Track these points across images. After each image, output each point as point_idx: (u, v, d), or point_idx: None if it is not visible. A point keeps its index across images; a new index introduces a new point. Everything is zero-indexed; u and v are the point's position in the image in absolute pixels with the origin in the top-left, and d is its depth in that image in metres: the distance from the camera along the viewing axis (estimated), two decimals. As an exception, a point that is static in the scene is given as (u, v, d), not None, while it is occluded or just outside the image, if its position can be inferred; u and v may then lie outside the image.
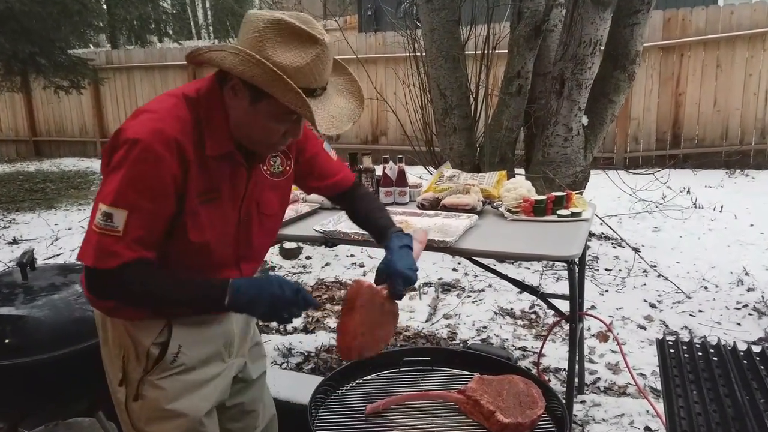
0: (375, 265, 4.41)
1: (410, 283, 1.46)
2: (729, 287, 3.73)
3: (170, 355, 1.38)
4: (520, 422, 1.49)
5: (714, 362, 1.39)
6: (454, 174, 2.76)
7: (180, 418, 1.40)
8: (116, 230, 1.20)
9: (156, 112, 1.25)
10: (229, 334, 1.52)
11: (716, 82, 7.29)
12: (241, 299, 1.27)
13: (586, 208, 2.39)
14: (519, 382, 1.64)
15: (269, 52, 1.18)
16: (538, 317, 3.45)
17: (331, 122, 1.26)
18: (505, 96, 4.44)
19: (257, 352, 1.70)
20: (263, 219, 1.48)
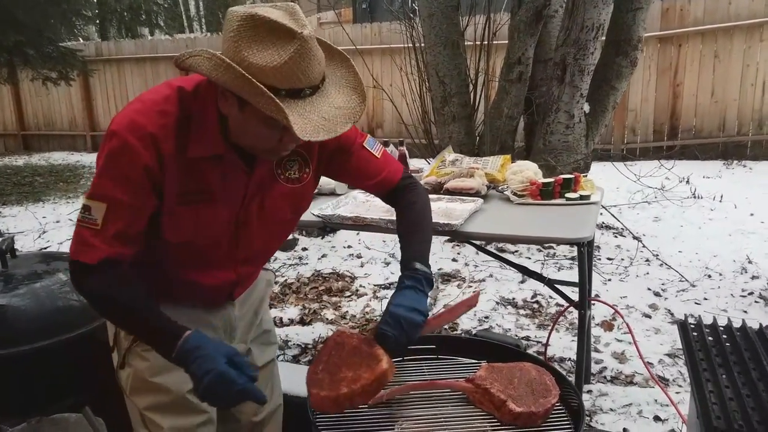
0: (373, 257, 4.39)
1: (398, 322, 1.27)
2: (733, 275, 3.67)
3: None
4: (534, 411, 1.40)
5: (741, 345, 1.31)
6: (456, 158, 2.67)
7: (162, 392, 1.37)
8: (94, 223, 1.18)
9: (142, 104, 1.20)
10: (229, 321, 1.47)
11: (714, 72, 7.23)
12: (187, 360, 1.15)
13: (594, 191, 2.31)
14: (531, 369, 1.55)
15: (245, 53, 1.08)
16: (541, 307, 3.37)
17: (321, 126, 1.13)
18: (506, 83, 4.35)
19: (265, 339, 1.63)
20: (268, 224, 1.38)
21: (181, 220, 1.25)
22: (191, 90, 1.22)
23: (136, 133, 1.16)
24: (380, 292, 3.73)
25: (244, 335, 1.53)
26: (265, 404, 1.62)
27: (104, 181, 1.18)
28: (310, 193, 1.46)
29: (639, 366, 2.69)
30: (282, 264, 4.33)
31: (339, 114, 1.17)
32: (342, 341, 1.35)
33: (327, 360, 1.34)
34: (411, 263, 1.37)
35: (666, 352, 2.81)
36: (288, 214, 1.41)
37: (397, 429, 1.41)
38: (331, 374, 1.30)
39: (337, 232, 4.89)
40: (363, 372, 1.27)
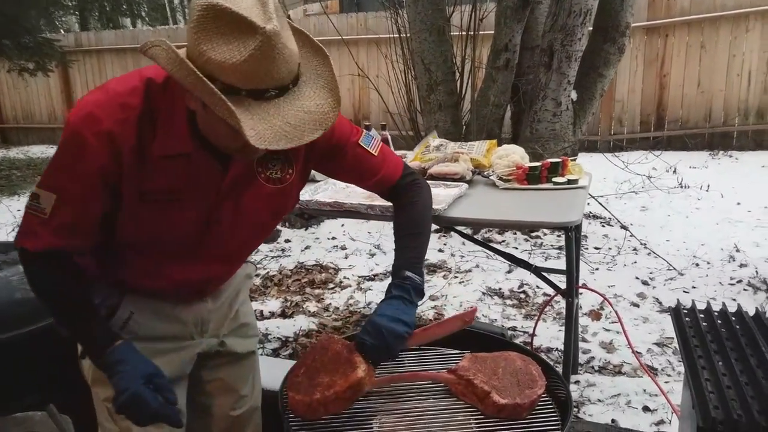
0: (357, 248, 4.30)
1: (379, 332, 1.22)
2: (721, 264, 3.63)
3: (119, 320, 1.27)
4: (519, 403, 1.33)
5: (738, 330, 1.24)
6: (441, 143, 2.59)
7: None
8: (42, 212, 1.13)
9: (104, 95, 1.11)
10: (201, 317, 1.39)
11: (700, 63, 7.20)
12: (110, 372, 1.15)
13: (582, 176, 2.24)
14: (516, 359, 1.48)
15: (204, 47, 0.98)
16: (528, 297, 3.31)
17: (284, 133, 1.01)
18: (492, 70, 4.27)
19: (243, 332, 1.53)
20: (244, 225, 1.29)
21: (142, 220, 1.17)
22: (161, 82, 1.12)
23: (92, 128, 1.07)
24: (364, 284, 3.65)
25: (217, 329, 1.44)
26: (247, 400, 1.56)
27: (57, 172, 1.12)
28: (293, 195, 1.35)
29: (627, 355, 2.63)
30: (264, 256, 4.23)
31: (308, 119, 1.05)
32: (327, 346, 1.32)
33: (310, 364, 1.31)
34: (402, 271, 1.31)
35: (654, 341, 2.76)
36: (266, 216, 1.32)
37: (376, 423, 1.34)
38: (309, 378, 1.27)
39: (321, 223, 4.79)
40: (338, 378, 1.23)
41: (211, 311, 1.41)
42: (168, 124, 1.12)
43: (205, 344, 1.42)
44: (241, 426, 1.56)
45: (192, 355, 1.39)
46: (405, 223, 1.40)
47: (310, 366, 1.32)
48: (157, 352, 1.29)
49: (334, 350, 1.30)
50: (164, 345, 1.32)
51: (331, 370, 1.27)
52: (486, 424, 1.33)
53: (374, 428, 1.32)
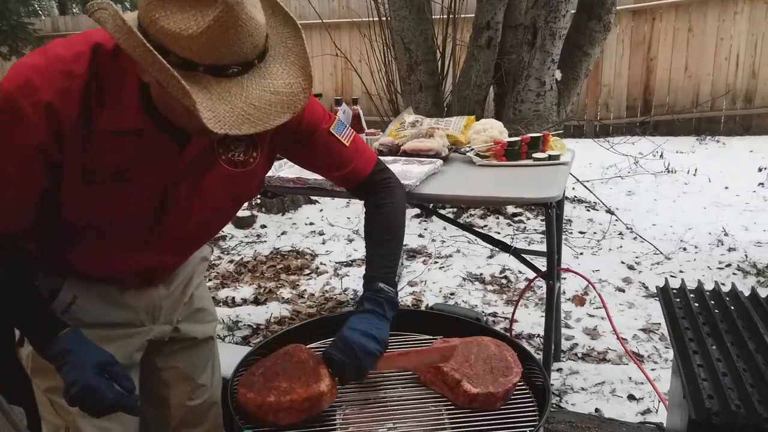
0: (336, 233, 4.14)
1: (349, 347, 1.14)
2: (709, 248, 3.53)
3: (61, 304, 1.15)
4: (492, 392, 1.20)
5: (733, 311, 1.12)
6: (416, 120, 2.44)
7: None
8: None
9: (44, 59, 0.96)
10: (152, 304, 1.28)
11: (688, 47, 7.11)
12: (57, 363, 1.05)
13: (565, 152, 2.10)
14: (490, 344, 1.34)
15: (157, 14, 0.84)
16: (510, 282, 3.18)
17: (247, 116, 0.89)
18: (474, 49, 4.12)
19: (199, 317, 1.42)
20: (202, 209, 1.16)
21: (89, 202, 1.04)
22: (111, 49, 0.97)
23: (30, 98, 0.93)
24: (341, 270, 3.51)
25: (169, 315, 1.33)
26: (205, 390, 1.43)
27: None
28: (257, 179, 1.23)
29: (612, 342, 2.52)
30: (238, 242, 4.07)
31: (275, 101, 0.92)
32: (293, 353, 1.24)
33: (270, 366, 1.22)
34: (375, 282, 1.23)
35: (640, 327, 2.65)
36: (227, 200, 1.20)
37: (339, 414, 1.21)
38: (266, 379, 1.18)
39: (299, 209, 4.64)
40: (298, 387, 1.14)
41: (164, 297, 1.29)
42: (117, 96, 0.98)
43: (156, 331, 1.31)
44: (199, 419, 1.44)
45: (142, 343, 1.28)
46: (379, 227, 1.30)
47: (270, 368, 1.22)
48: (104, 339, 1.17)
49: (300, 358, 1.22)
50: (112, 331, 1.22)
51: (291, 377, 1.17)
52: (458, 415, 1.20)
53: (337, 420, 1.19)
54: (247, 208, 4.64)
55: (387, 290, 1.22)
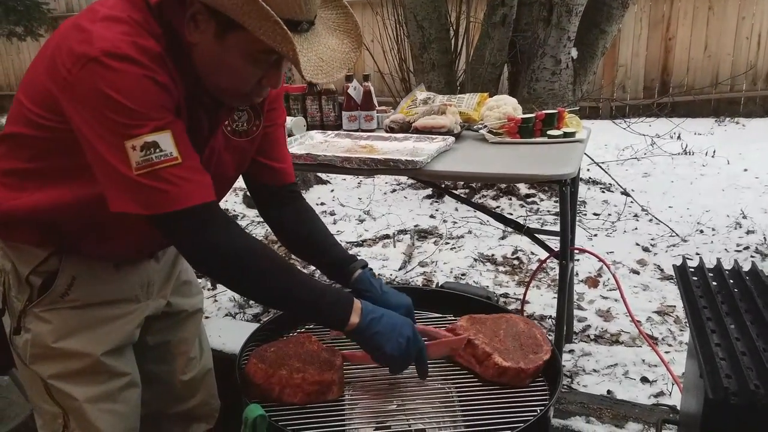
0: (347, 213, 4.12)
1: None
2: (727, 230, 3.46)
3: (60, 287, 1.12)
4: (522, 368, 1.20)
5: (753, 290, 1.08)
6: (428, 96, 2.40)
7: (72, 357, 1.15)
8: (172, 157, 0.94)
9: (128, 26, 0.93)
10: (147, 278, 1.27)
11: (708, 26, 6.93)
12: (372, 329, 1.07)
13: (580, 129, 2.06)
14: (518, 321, 1.34)
15: None
16: (522, 263, 3.15)
17: (319, 67, 0.96)
18: (488, 26, 4.04)
19: (186, 290, 1.42)
20: (216, 181, 1.14)
21: None
22: (155, 5, 0.96)
23: (146, 54, 0.91)
24: (353, 250, 3.49)
25: (162, 289, 1.33)
26: (196, 362, 1.44)
27: (140, 106, 0.91)
28: (252, 150, 1.24)
29: (626, 324, 2.49)
30: (250, 222, 4.07)
31: (334, 57, 0.99)
32: (304, 342, 1.27)
33: (283, 347, 1.24)
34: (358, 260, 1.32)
35: (655, 309, 2.61)
36: (232, 170, 1.21)
37: (347, 393, 1.21)
38: (279, 356, 1.20)
39: (310, 189, 4.62)
40: (312, 369, 1.16)
41: (156, 271, 1.29)
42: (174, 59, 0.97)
43: (152, 306, 1.30)
44: (194, 390, 1.45)
45: (140, 320, 1.27)
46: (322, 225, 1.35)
47: (283, 348, 1.24)
48: (105, 320, 1.18)
49: (312, 349, 1.24)
50: (112, 311, 1.20)
51: (305, 360, 1.19)
52: (467, 393, 1.19)
53: (345, 398, 1.19)
54: (258, 188, 4.62)
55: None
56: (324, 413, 1.13)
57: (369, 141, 2.07)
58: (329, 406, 1.15)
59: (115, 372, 1.20)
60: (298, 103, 2.44)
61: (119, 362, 1.21)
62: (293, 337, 1.34)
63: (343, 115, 2.32)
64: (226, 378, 1.46)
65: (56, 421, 1.18)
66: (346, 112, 2.31)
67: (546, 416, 1.13)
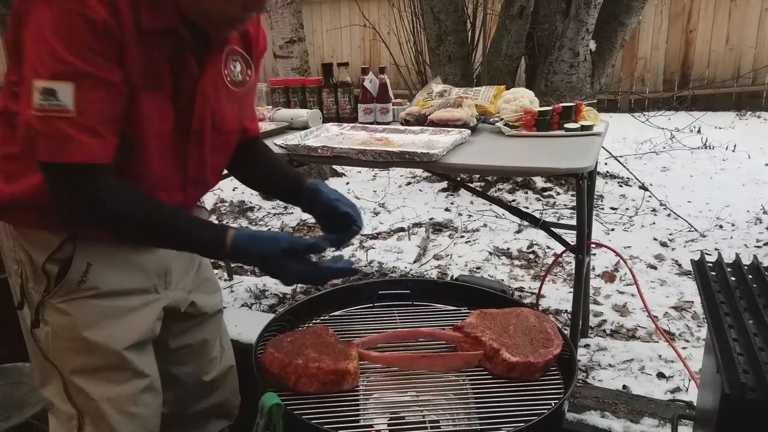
0: (361, 206, 4.10)
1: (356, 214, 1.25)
2: (747, 225, 3.41)
3: (75, 274, 1.11)
4: (532, 362, 1.19)
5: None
6: (444, 89, 2.39)
7: (94, 351, 1.14)
8: (66, 110, 0.92)
9: None
10: (164, 265, 1.24)
11: (729, 18, 6.82)
12: (247, 250, 1.07)
13: (598, 122, 2.04)
14: (530, 315, 1.34)
15: None
16: (537, 257, 3.13)
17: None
18: (506, 18, 4.01)
19: (207, 288, 1.41)
20: (218, 135, 1.17)
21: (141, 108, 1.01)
22: None
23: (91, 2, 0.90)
24: (367, 242, 3.50)
25: (181, 281, 1.30)
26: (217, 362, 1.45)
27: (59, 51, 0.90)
28: (251, 102, 1.29)
29: (642, 319, 2.47)
30: (266, 213, 4.09)
31: None
32: (320, 333, 1.28)
33: (299, 337, 1.26)
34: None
35: (672, 305, 2.58)
36: (234, 124, 1.22)
37: (363, 382, 1.22)
38: (295, 346, 1.21)
39: (325, 181, 4.63)
40: (327, 359, 1.18)
41: (174, 257, 1.26)
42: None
43: (171, 298, 1.28)
44: (215, 388, 1.46)
45: (159, 312, 1.25)
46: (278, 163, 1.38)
47: (299, 339, 1.25)
48: (123, 312, 1.17)
49: (328, 340, 1.25)
50: (129, 301, 1.18)
51: (320, 351, 1.20)
52: (481, 384, 1.19)
53: (360, 387, 1.20)
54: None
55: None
56: (339, 403, 1.14)
57: (384, 133, 2.07)
58: (344, 396, 1.16)
59: (137, 371, 1.18)
60: (314, 96, 2.45)
61: (141, 360, 1.19)
62: (309, 328, 1.35)
63: (359, 108, 2.33)
64: (242, 367, 1.48)
65: (71, 422, 1.16)
66: (361, 105, 2.32)
67: (560, 410, 1.13)
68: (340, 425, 1.07)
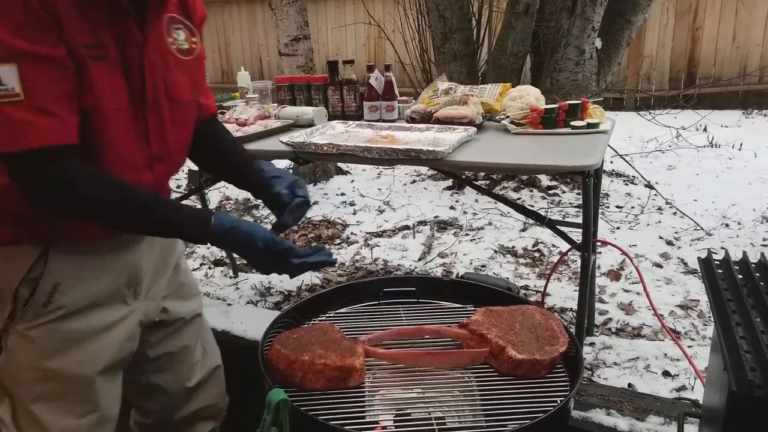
0: (366, 204, 4.13)
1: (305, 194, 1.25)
2: (753, 224, 3.40)
3: (42, 295, 1.05)
4: (537, 359, 1.20)
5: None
6: (450, 87, 2.39)
7: (58, 379, 1.08)
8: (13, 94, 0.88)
9: None
10: (134, 269, 1.18)
11: (736, 16, 6.79)
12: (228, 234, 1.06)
13: (604, 120, 2.03)
14: (535, 312, 1.34)
15: None
16: (543, 255, 3.13)
17: None
18: (511, 16, 4.00)
19: (185, 292, 1.36)
20: (175, 106, 1.14)
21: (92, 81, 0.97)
22: None
23: None
24: (372, 240, 3.50)
25: (152, 289, 1.24)
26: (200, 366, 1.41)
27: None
28: (202, 70, 1.25)
29: (648, 318, 2.46)
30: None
31: None
32: (326, 330, 1.29)
33: (305, 334, 1.27)
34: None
35: (678, 303, 2.58)
36: (188, 93, 1.18)
37: (369, 378, 1.23)
38: (301, 343, 1.22)
39: (330, 179, 4.64)
40: (333, 355, 1.19)
41: (143, 260, 1.20)
42: None
43: (143, 309, 1.22)
44: (200, 392, 1.41)
45: (134, 327, 1.20)
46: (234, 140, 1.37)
47: (305, 336, 1.26)
48: (94, 332, 1.11)
49: (335, 337, 1.26)
50: (101, 317, 1.12)
51: (327, 347, 1.21)
52: (487, 381, 1.20)
53: (366, 384, 1.20)
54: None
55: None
56: (345, 399, 1.14)
57: (390, 131, 2.07)
58: (350, 393, 1.16)
59: (99, 403, 1.14)
60: (319, 94, 2.45)
61: (108, 389, 1.15)
62: (315, 325, 1.35)
63: (365, 105, 2.33)
64: (249, 364, 1.48)
65: None
66: (367, 102, 2.32)
67: (566, 407, 1.13)
68: (346, 421, 1.07)
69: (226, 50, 9.14)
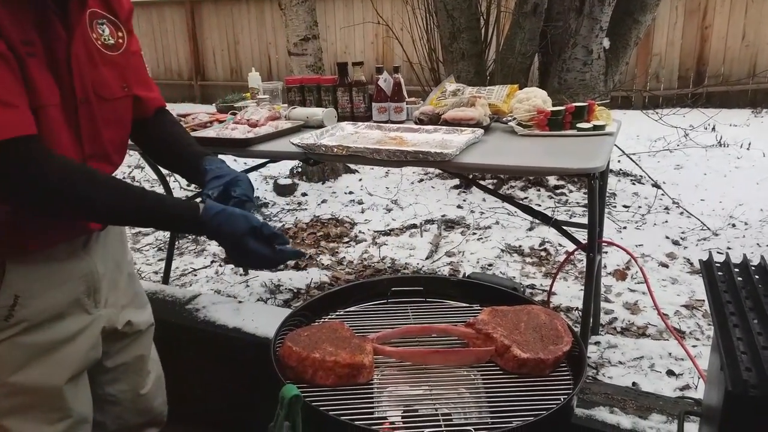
0: (374, 203, 4.18)
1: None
2: (760, 224, 3.41)
3: (3, 309, 1.04)
4: (542, 358, 1.23)
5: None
6: (458, 88, 2.42)
7: (24, 393, 1.09)
8: None
9: None
10: (91, 276, 1.18)
11: (746, 14, 6.76)
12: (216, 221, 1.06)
13: (610, 122, 2.06)
14: (540, 312, 1.37)
15: None
16: (549, 255, 3.16)
17: None
18: (519, 16, 4.02)
19: (138, 301, 1.38)
20: (105, 104, 1.13)
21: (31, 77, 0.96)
22: None
23: None
24: (380, 239, 3.54)
25: (111, 296, 1.25)
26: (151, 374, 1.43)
27: None
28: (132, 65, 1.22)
29: (653, 317, 2.49)
30: (280, 209, 4.15)
31: None
32: (336, 328, 1.31)
33: (315, 332, 1.29)
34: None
35: (683, 303, 2.60)
36: (117, 89, 1.16)
37: (377, 375, 1.25)
38: (312, 340, 1.25)
39: (338, 178, 4.68)
40: (343, 352, 1.21)
41: (99, 265, 1.20)
42: None
43: (105, 318, 1.23)
44: (151, 400, 1.43)
45: (96, 336, 1.21)
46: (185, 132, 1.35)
47: (315, 333, 1.29)
48: (58, 343, 1.11)
49: (344, 335, 1.28)
50: (63, 327, 1.12)
51: (337, 345, 1.24)
52: (492, 379, 1.23)
53: (375, 380, 1.24)
54: (288, 176, 4.71)
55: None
56: (354, 395, 1.17)
57: (398, 132, 2.11)
58: (359, 389, 1.20)
59: (70, 408, 1.15)
60: (329, 95, 2.48)
61: (77, 394, 1.16)
62: (326, 323, 1.39)
63: (373, 107, 2.36)
64: (261, 361, 1.52)
65: None
66: (376, 104, 2.35)
67: (569, 405, 1.16)
68: (356, 416, 1.11)
69: (236, 48, 9.19)
